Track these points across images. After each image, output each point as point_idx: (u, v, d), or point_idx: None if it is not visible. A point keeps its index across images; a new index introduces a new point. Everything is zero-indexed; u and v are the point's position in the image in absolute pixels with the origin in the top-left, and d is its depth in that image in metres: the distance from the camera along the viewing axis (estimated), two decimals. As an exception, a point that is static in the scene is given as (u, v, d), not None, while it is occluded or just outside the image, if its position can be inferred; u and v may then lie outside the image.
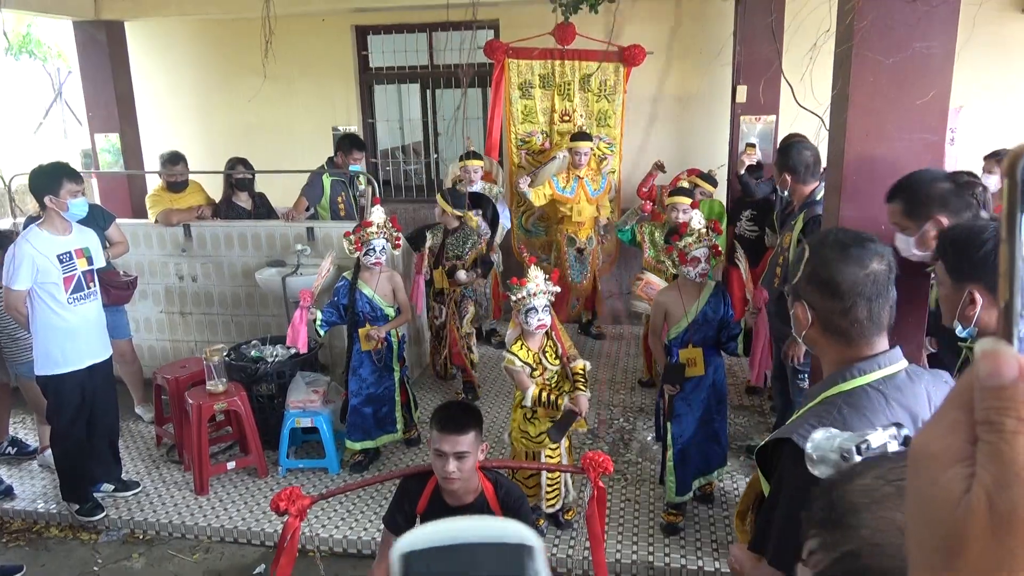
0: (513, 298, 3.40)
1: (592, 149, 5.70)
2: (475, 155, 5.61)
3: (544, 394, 3.36)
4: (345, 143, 5.53)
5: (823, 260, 1.49)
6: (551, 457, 3.54)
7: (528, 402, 3.39)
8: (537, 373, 3.44)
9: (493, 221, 5.46)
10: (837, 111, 2.91)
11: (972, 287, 1.87)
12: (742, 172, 5.31)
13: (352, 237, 4.10)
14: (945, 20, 2.64)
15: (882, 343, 1.48)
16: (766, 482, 1.51)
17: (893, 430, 1.10)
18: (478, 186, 5.56)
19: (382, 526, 2.78)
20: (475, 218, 5.17)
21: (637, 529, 3.69)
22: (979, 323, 1.90)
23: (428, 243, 4.92)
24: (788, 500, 1.39)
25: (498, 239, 5.74)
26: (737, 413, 4.83)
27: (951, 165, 5.97)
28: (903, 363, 1.48)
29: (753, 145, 5.54)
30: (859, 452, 1.07)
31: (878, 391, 1.42)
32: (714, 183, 5.38)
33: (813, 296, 1.50)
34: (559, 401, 3.35)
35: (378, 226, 4.07)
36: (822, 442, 1.09)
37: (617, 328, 6.50)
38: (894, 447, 1.09)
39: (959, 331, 1.96)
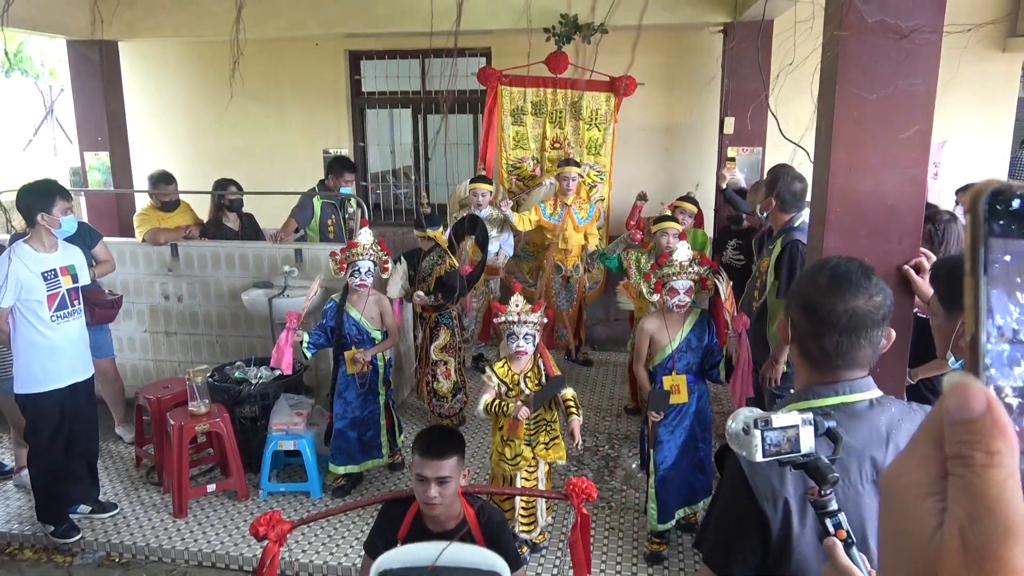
0: (496, 321, 3.45)
1: (580, 176, 5.75)
2: (485, 179, 5.62)
3: (495, 403, 3.45)
4: (336, 166, 5.55)
5: (813, 284, 1.50)
6: (527, 480, 3.56)
7: (480, 408, 3.48)
8: (513, 394, 3.48)
9: (483, 245, 5.46)
10: (821, 144, 2.95)
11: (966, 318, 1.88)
12: (724, 186, 5.39)
13: (337, 257, 4.11)
14: (928, 59, 2.69)
15: (849, 375, 1.48)
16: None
17: (809, 415, 1.15)
18: (486, 211, 5.54)
19: (363, 552, 2.74)
20: (443, 237, 5.09)
21: (621, 558, 3.66)
22: None
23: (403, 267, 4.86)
24: (723, 501, 1.44)
25: (501, 263, 5.72)
26: (723, 441, 4.82)
27: (934, 198, 6.07)
28: (869, 393, 1.47)
29: (733, 159, 5.62)
30: (756, 426, 1.12)
31: (828, 416, 1.44)
32: (695, 203, 5.43)
33: (796, 314, 1.53)
34: (508, 408, 3.42)
35: (364, 247, 4.07)
36: (737, 416, 1.17)
37: (603, 355, 6.50)
38: (807, 433, 1.13)
39: (951, 363, 1.97)
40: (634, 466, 4.47)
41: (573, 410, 3.51)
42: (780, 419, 1.16)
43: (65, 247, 3.89)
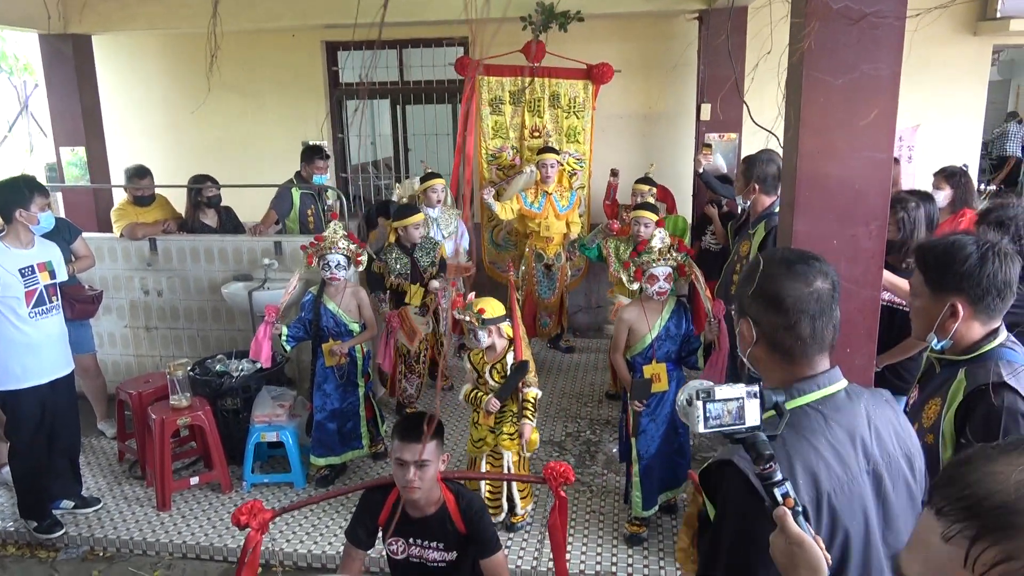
0: (456, 316, 3.64)
1: (559, 163, 5.77)
2: (437, 175, 5.47)
3: (473, 393, 3.67)
4: (307, 153, 5.56)
5: (769, 276, 1.49)
6: (493, 465, 3.69)
7: (461, 397, 3.73)
8: (481, 381, 3.66)
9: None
10: (790, 130, 2.99)
11: (955, 299, 1.91)
12: (701, 171, 5.47)
13: (307, 250, 4.14)
14: (890, 42, 2.73)
15: (823, 363, 1.49)
16: (711, 504, 1.46)
17: (755, 387, 1.18)
18: (436, 211, 5.38)
19: (345, 540, 2.78)
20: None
21: (601, 539, 3.72)
22: (956, 335, 1.94)
23: (395, 270, 4.79)
24: (733, 525, 1.36)
25: (463, 260, 5.66)
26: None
27: (908, 182, 6.14)
28: (843, 383, 1.48)
29: (709, 146, 5.68)
30: (698, 398, 1.16)
31: (818, 411, 1.41)
32: (650, 182, 5.50)
33: (758, 312, 1.49)
34: (483, 398, 3.61)
35: (331, 241, 4.08)
36: (685, 389, 1.21)
37: (585, 341, 6.55)
38: (753, 407, 1.18)
39: (934, 344, 2.00)
40: (614, 451, 4.53)
41: (528, 413, 3.61)
42: (723, 391, 1.19)
43: (42, 243, 3.88)
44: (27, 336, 3.73)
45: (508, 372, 3.59)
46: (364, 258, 4.26)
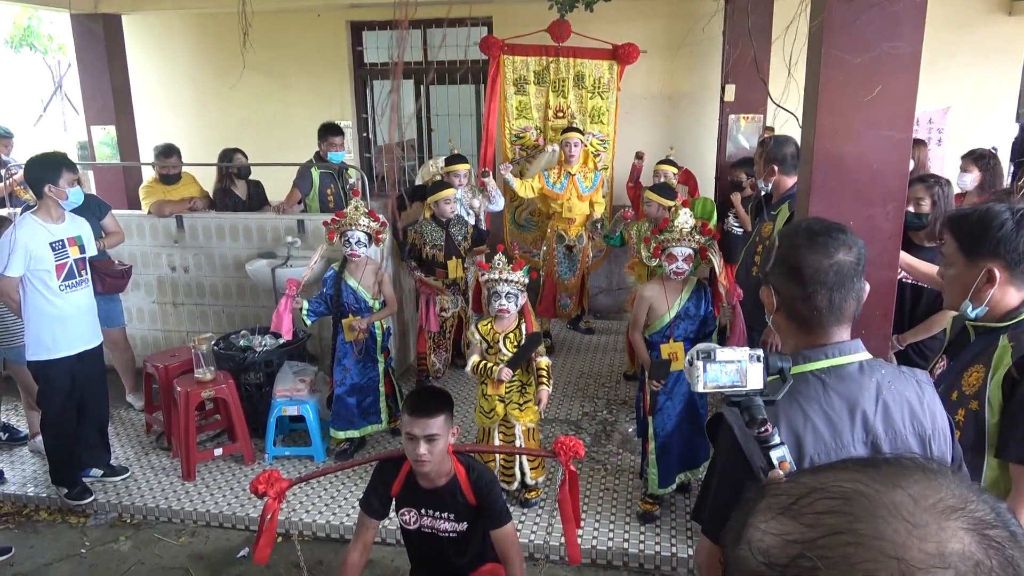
0: (481, 279, 3.62)
1: (583, 142, 5.76)
2: (461, 159, 5.48)
3: (481, 364, 3.65)
4: (322, 131, 5.62)
5: (791, 246, 1.51)
6: (504, 437, 3.74)
7: (468, 369, 3.69)
8: (492, 352, 3.66)
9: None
10: (808, 109, 2.97)
11: (991, 265, 1.90)
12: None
13: (329, 227, 4.22)
14: (912, 20, 2.69)
15: (840, 334, 1.49)
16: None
17: (759, 351, 1.20)
18: (460, 192, 5.38)
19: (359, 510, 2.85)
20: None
21: (614, 517, 3.76)
22: (991, 302, 1.93)
23: (430, 241, 4.91)
24: (720, 470, 1.44)
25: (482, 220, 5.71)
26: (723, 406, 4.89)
27: (938, 165, 6.04)
28: (860, 355, 1.48)
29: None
30: (698, 358, 1.19)
31: (819, 379, 1.43)
32: (673, 164, 5.49)
33: (779, 281, 1.52)
34: (493, 370, 3.59)
35: (352, 218, 4.14)
36: (691, 351, 1.24)
37: (605, 323, 6.57)
38: (755, 370, 1.19)
39: (968, 311, 1.99)
40: (630, 430, 4.55)
41: (544, 379, 3.67)
42: (724, 353, 1.21)
43: (72, 219, 3.98)
44: (57, 308, 3.84)
45: (521, 342, 3.63)
46: (385, 236, 4.32)
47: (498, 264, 3.58)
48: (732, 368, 1.21)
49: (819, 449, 1.35)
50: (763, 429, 1.20)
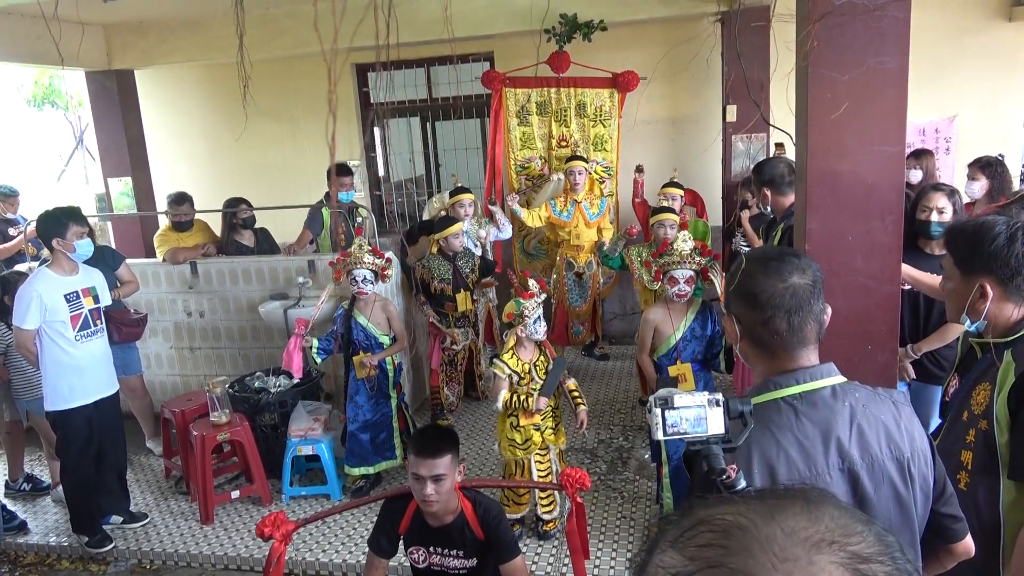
0: (526, 311, 3.57)
1: (587, 170, 5.80)
2: (465, 190, 5.58)
3: (514, 398, 3.57)
4: (331, 173, 5.70)
5: (746, 273, 1.50)
6: (540, 462, 3.69)
7: (499, 405, 3.59)
8: (524, 382, 3.60)
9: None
10: (800, 128, 2.97)
11: (983, 280, 1.90)
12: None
13: (335, 267, 4.27)
14: (896, 35, 2.69)
15: (806, 358, 1.47)
16: None
17: (719, 396, 1.19)
18: (467, 224, 5.45)
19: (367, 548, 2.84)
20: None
21: (631, 544, 3.71)
22: (988, 316, 1.92)
23: (438, 275, 4.95)
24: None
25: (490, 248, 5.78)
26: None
27: (947, 175, 5.99)
28: (832, 379, 1.46)
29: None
30: (656, 405, 1.18)
31: (790, 406, 1.41)
32: (679, 186, 5.48)
33: (739, 309, 1.51)
34: (528, 402, 3.54)
35: (355, 257, 4.19)
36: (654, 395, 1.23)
37: (620, 348, 6.54)
38: (715, 415, 1.18)
39: (967, 326, 1.97)
40: (646, 456, 4.51)
41: (579, 401, 3.68)
42: (682, 399, 1.20)
43: (86, 270, 4.07)
44: (74, 358, 3.92)
45: (549, 368, 3.65)
46: (391, 272, 4.36)
47: (535, 288, 3.67)
48: (692, 414, 1.20)
49: (793, 478, 1.32)
50: (725, 477, 1.18)
